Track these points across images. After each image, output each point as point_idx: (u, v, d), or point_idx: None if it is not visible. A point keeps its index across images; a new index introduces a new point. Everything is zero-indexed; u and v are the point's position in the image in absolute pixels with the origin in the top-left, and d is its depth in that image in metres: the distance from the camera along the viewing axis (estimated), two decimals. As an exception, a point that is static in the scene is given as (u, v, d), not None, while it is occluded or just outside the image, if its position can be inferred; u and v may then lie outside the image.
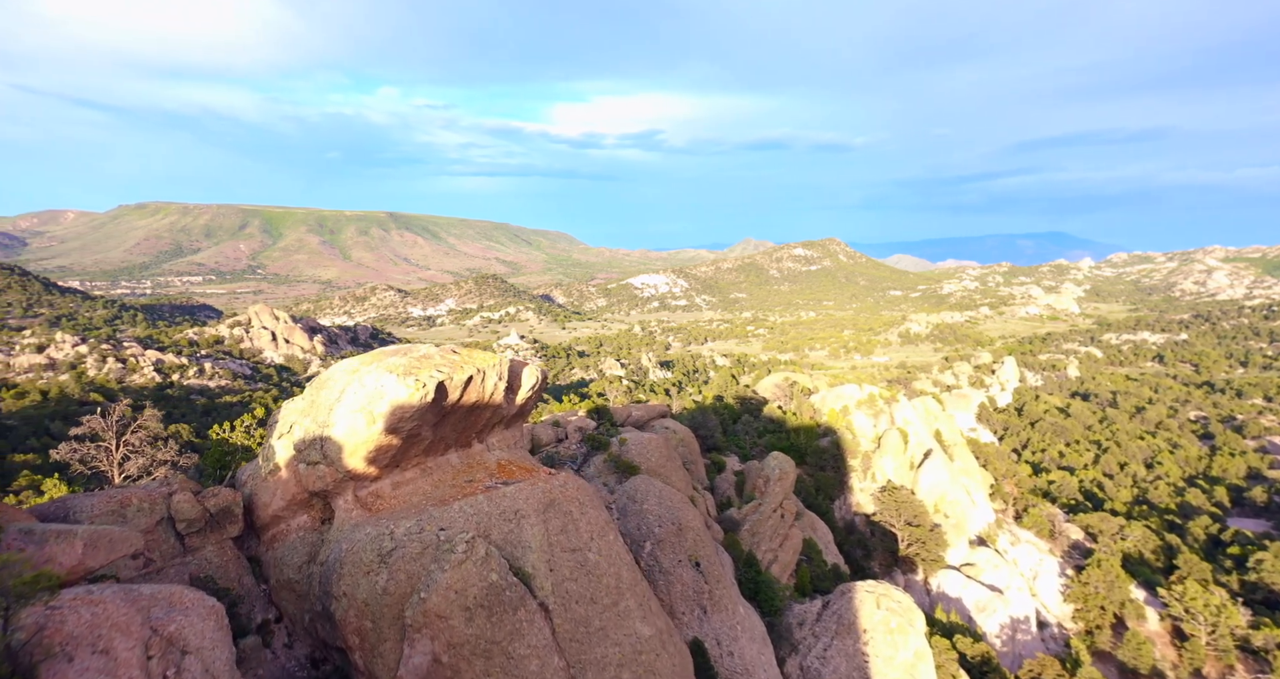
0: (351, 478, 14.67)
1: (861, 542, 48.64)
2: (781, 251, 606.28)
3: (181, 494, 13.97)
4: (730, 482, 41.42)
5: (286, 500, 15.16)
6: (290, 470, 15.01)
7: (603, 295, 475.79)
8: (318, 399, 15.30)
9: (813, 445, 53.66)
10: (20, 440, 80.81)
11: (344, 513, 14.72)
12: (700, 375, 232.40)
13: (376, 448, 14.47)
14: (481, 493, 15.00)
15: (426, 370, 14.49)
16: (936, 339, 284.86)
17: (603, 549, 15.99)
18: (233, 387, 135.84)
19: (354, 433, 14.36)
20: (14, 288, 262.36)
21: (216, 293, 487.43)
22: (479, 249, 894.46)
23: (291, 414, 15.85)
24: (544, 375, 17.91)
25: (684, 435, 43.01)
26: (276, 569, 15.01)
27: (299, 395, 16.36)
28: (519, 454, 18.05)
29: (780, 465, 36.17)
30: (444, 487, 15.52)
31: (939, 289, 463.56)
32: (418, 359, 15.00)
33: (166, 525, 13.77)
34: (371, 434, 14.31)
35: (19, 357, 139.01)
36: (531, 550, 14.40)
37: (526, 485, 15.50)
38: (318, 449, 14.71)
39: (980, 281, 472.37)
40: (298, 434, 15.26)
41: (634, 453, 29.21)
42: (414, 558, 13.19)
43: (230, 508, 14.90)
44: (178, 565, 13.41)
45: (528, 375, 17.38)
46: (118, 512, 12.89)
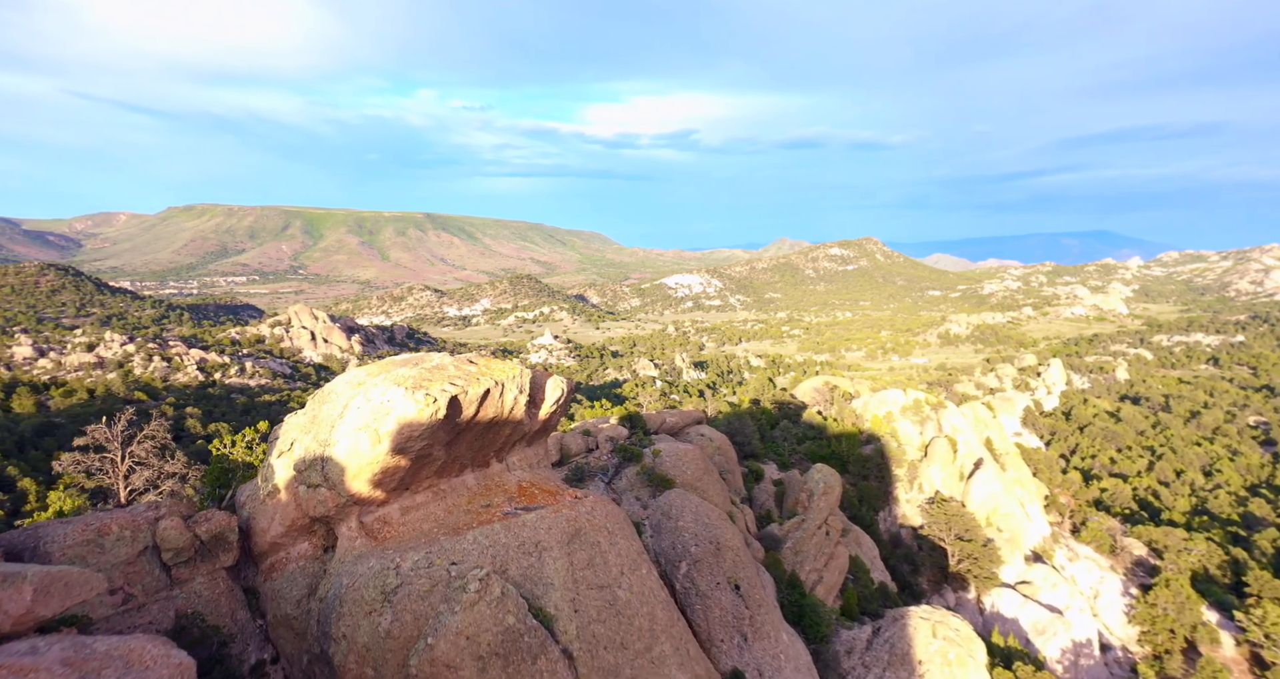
0: (356, 503, 13.20)
1: (908, 556, 46.09)
2: (817, 251, 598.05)
3: (169, 520, 12.61)
4: (769, 492, 39.36)
5: (286, 526, 13.75)
6: (290, 493, 13.59)
7: (636, 295, 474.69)
8: (319, 415, 13.85)
9: (855, 453, 51.19)
10: (67, 439, 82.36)
11: (347, 541, 13.26)
12: (734, 376, 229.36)
13: (383, 470, 12.99)
14: (499, 521, 13.41)
15: (438, 383, 12.94)
16: (977, 340, 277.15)
17: (634, 585, 14.30)
18: (272, 385, 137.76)
19: (357, 453, 12.90)
20: (68, 288, 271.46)
21: (259, 293, 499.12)
22: (514, 249, 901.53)
23: (293, 430, 14.44)
24: (570, 387, 16.26)
25: (720, 443, 41.09)
26: (274, 603, 13.61)
27: (301, 409, 15.03)
28: (542, 474, 16.41)
29: (824, 479, 33.98)
30: (458, 512, 13.97)
31: (979, 289, 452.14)
32: (429, 371, 13.46)
33: (151, 555, 12.42)
34: (376, 455, 12.82)
35: (70, 355, 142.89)
36: (554, 588, 12.78)
37: (549, 513, 13.86)
38: (318, 470, 13.26)
39: (1023, 281, 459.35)
40: (298, 453, 13.83)
41: (668, 465, 27.45)
42: (421, 597, 11.68)
43: (224, 534, 13.50)
44: (162, 600, 12.12)
45: (552, 388, 15.70)
46: (95, 541, 11.62)
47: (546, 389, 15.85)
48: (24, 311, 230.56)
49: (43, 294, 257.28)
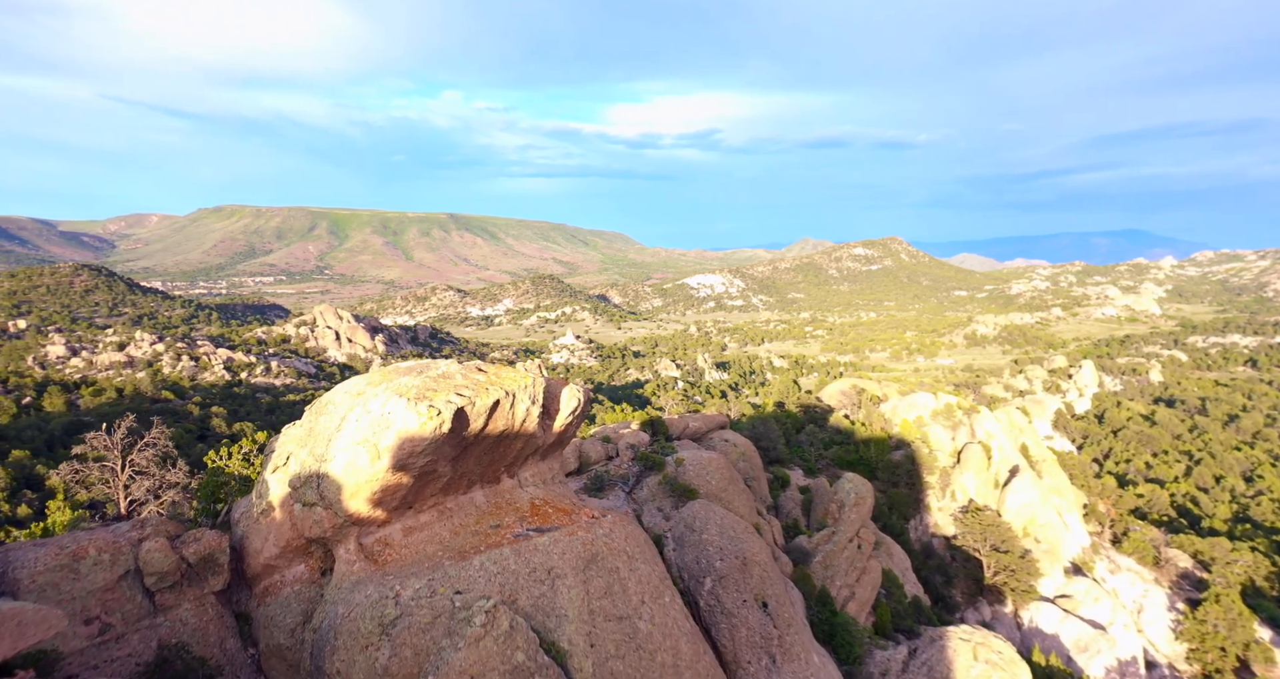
0: (354, 523, 12.14)
1: (941, 567, 44.33)
2: (841, 251, 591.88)
3: (153, 541, 11.65)
4: (796, 500, 37.92)
5: (280, 547, 12.71)
6: (285, 511, 12.56)
7: (658, 295, 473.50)
8: (316, 427, 12.79)
9: (884, 459, 49.52)
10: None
11: (345, 565, 12.20)
12: (757, 377, 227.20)
13: (383, 488, 11.93)
14: (508, 544, 12.29)
15: (443, 394, 11.84)
16: (1005, 341, 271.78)
17: (656, 616, 13.10)
18: (296, 385, 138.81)
19: (355, 470, 11.87)
20: (101, 288, 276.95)
21: (286, 293, 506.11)
22: (536, 249, 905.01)
23: (289, 443, 13.38)
24: (587, 397, 15.07)
25: (745, 449, 39.73)
26: (266, 631, 12.59)
27: (297, 421, 14.00)
28: (557, 491, 15.24)
29: (855, 489, 32.48)
30: (465, 534, 12.87)
31: (1007, 289, 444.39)
32: (434, 380, 12.35)
33: (133, 580, 11.46)
34: (375, 472, 11.77)
35: (101, 354, 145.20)
36: (568, 620, 11.65)
37: (563, 535, 12.72)
38: (314, 488, 12.21)
39: (1051, 281, 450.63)
40: (293, 468, 12.76)
41: (692, 474, 26.21)
42: (422, 630, 10.60)
43: (214, 556, 12.49)
44: (144, 630, 11.18)
45: (567, 397, 14.53)
46: (69, 566, 10.70)
47: (561, 399, 14.70)
48: (59, 311, 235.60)
49: (77, 294, 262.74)
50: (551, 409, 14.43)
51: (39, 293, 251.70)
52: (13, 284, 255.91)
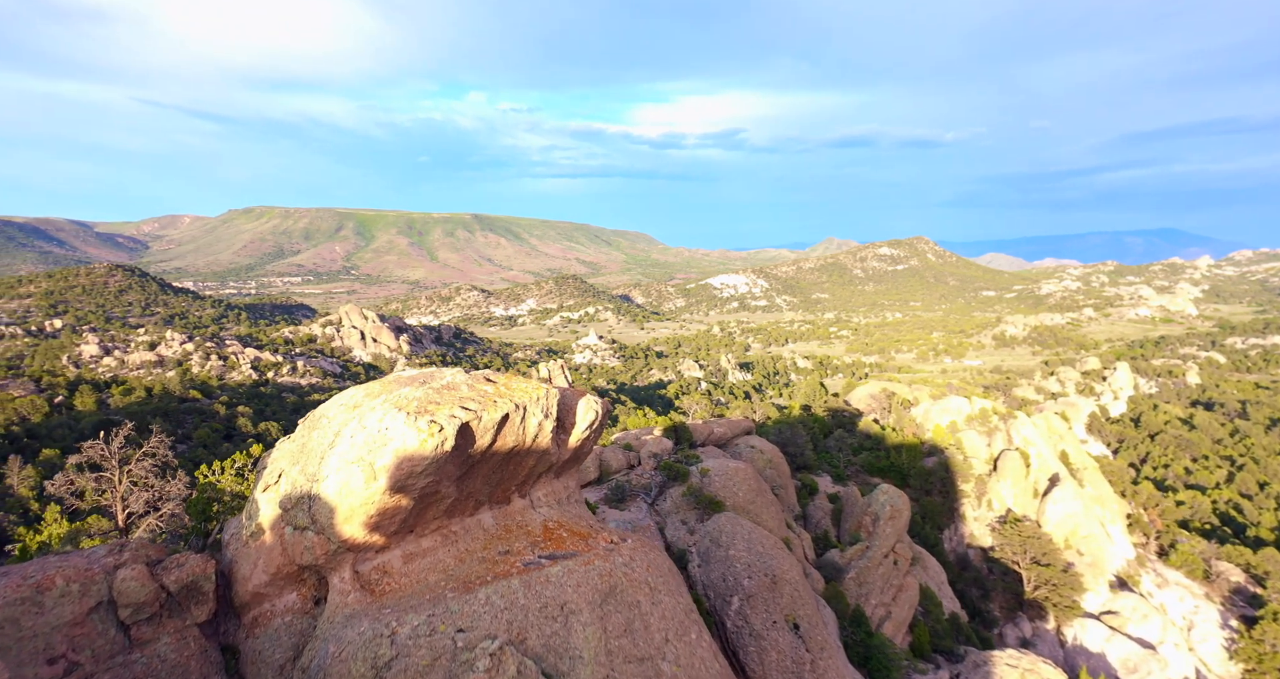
0: (349, 549, 10.94)
1: (978, 580, 42.43)
2: (866, 251, 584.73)
3: (129, 569, 10.56)
4: (825, 510, 36.37)
5: (270, 574, 11.56)
6: (275, 535, 11.47)
7: (681, 295, 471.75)
8: (309, 442, 11.65)
9: (917, 466, 47.66)
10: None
11: (339, 596, 11.01)
12: (781, 377, 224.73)
13: (379, 511, 10.77)
14: (518, 574, 11.06)
15: (446, 408, 10.65)
16: (1034, 342, 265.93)
17: (682, 656, 11.77)
18: (322, 385, 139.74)
19: (349, 492, 10.75)
20: (134, 288, 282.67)
21: (313, 293, 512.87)
22: (559, 250, 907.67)
23: (281, 459, 12.22)
24: (605, 409, 13.81)
25: (771, 455, 38.29)
26: (254, 667, 11.39)
27: (289, 435, 12.86)
28: (572, 512, 13.93)
29: (890, 501, 30.84)
30: (471, 561, 11.65)
31: (1036, 289, 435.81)
32: (438, 391, 11.19)
33: (106, 612, 10.36)
34: (371, 494, 10.65)
35: (133, 353, 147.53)
36: (583, 662, 10.39)
37: (579, 564, 11.46)
38: (305, 510, 11.10)
39: (1083, 281, 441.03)
40: (284, 487, 11.61)
41: (718, 485, 24.88)
42: (420, 673, 9.43)
43: (198, 583, 11.36)
44: (117, 668, 10.10)
45: (584, 410, 13.23)
46: (32, 599, 9.65)
47: (577, 412, 13.42)
48: (94, 311, 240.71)
49: (111, 294, 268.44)
50: (567, 422, 13.16)
51: (75, 293, 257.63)
52: (50, 284, 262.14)
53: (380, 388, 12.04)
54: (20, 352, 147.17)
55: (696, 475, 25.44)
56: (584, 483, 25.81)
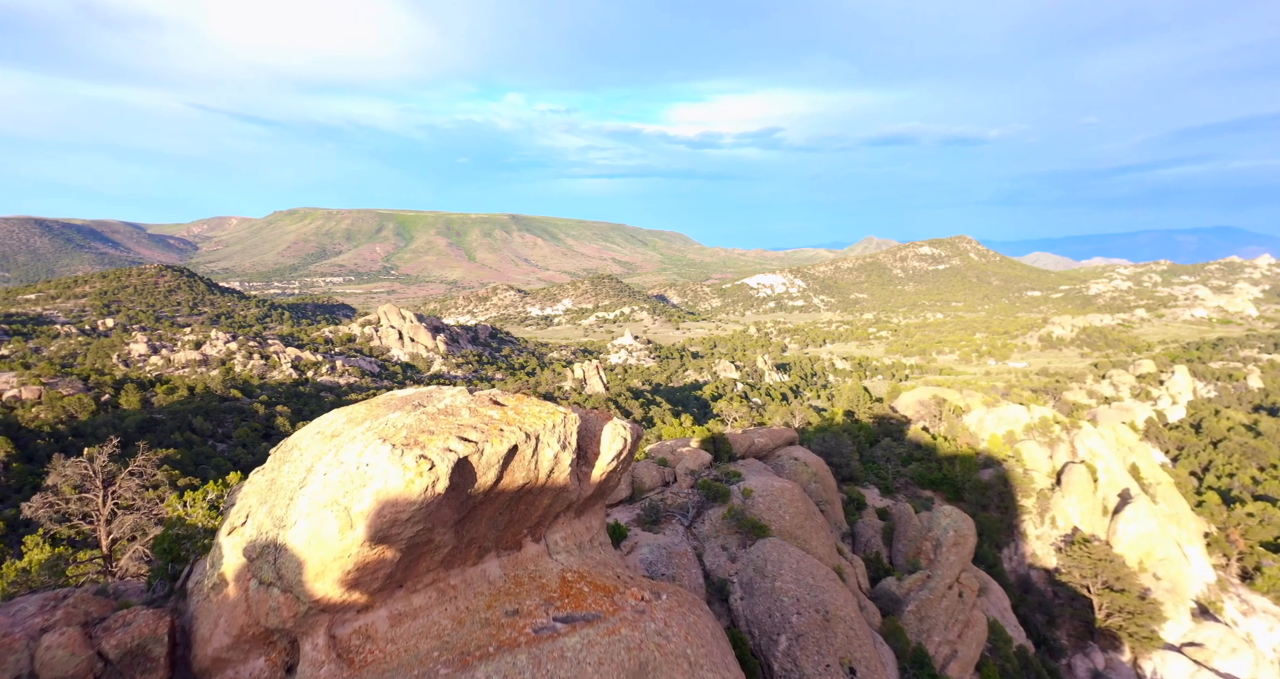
0: (322, 609, 9.08)
1: (1043, 605, 39.21)
2: (906, 250, 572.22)
3: (59, 633, 8.65)
4: (875, 528, 33.69)
5: (233, 636, 9.57)
6: (239, 589, 9.53)
7: (717, 295, 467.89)
8: (279, 478, 9.69)
9: (972, 479, 44.51)
10: (166, 435, 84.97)
11: (310, 668, 8.82)
12: (819, 379, 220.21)
13: (358, 566, 8.80)
14: (526, 644, 8.94)
15: (441, 439, 8.69)
16: (1083, 344, 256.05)
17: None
18: (360, 384, 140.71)
19: (320, 542, 8.75)
20: (183, 288, 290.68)
21: (354, 293, 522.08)
22: (595, 250, 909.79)
23: (251, 495, 10.28)
24: (635, 436, 11.53)
25: (816, 468, 35.72)
26: (211, 751, 9.67)
27: (263, 466, 10.86)
28: (596, 559, 11.67)
29: (955, 525, 27.97)
30: (471, 624, 9.55)
31: (1084, 289, 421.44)
32: (433, 417, 9.25)
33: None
34: (347, 546, 8.67)
35: (179, 352, 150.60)
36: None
37: (601, 633, 9.32)
38: (270, 562, 9.15)
39: (1134, 281, 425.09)
40: (249, 531, 9.73)
41: (762, 507, 22.59)
42: (399, 778, 7.51)
43: (146, 647, 9.37)
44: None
45: (609, 438, 11.13)
46: (-71, 674, 8.06)
47: (602, 440, 11.35)
48: (144, 310, 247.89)
49: (161, 293, 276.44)
50: (589, 452, 11.04)
51: (127, 293, 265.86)
52: (104, 285, 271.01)
53: (365, 412, 10.08)
54: (74, 350, 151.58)
55: (738, 496, 23.17)
56: (615, 501, 23.75)
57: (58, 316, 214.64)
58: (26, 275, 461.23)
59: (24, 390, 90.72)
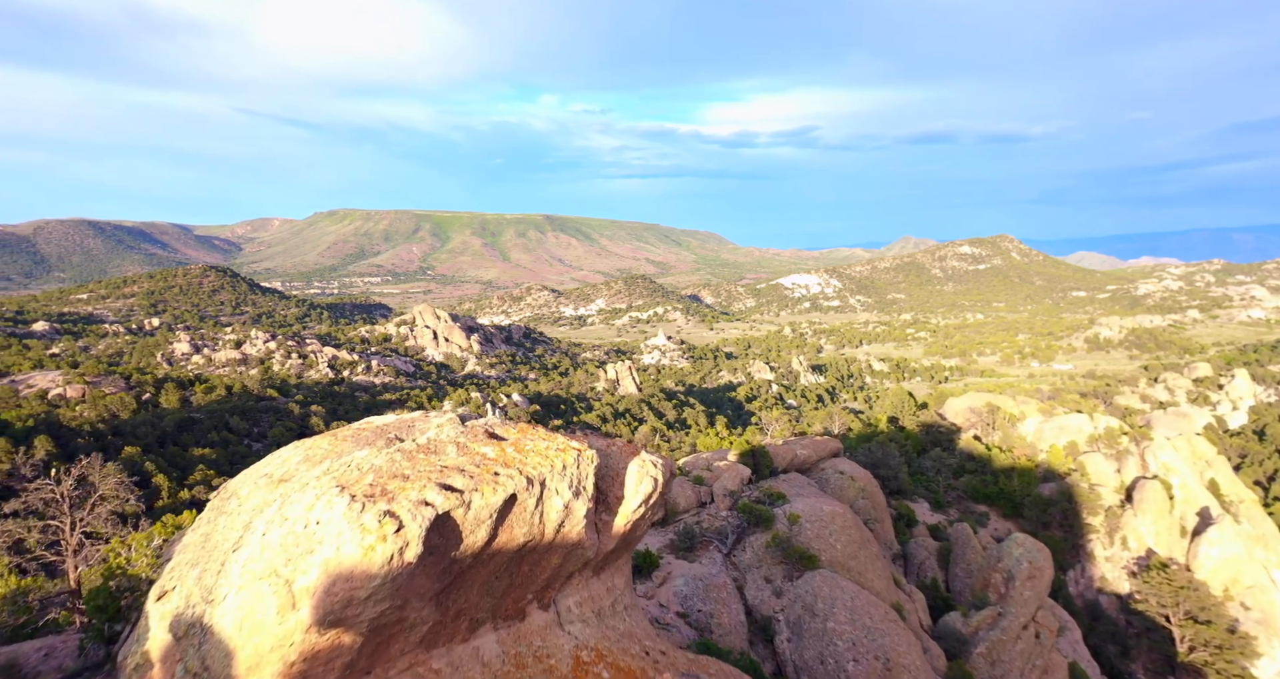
0: (262, 708, 6.97)
1: (1115, 635, 35.87)
2: (945, 250, 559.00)
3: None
4: (929, 549, 30.89)
5: (156, 733, 7.67)
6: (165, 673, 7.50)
7: (751, 295, 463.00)
8: (213, 534, 7.43)
9: (1031, 494, 41.24)
10: (203, 434, 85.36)
11: None
12: (855, 380, 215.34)
13: (304, 656, 6.40)
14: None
15: (415, 489, 6.46)
16: (1132, 345, 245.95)
17: None
18: (394, 383, 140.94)
19: (254, 626, 6.49)
20: (226, 288, 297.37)
21: (391, 292, 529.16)
22: (629, 250, 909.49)
23: (186, 551, 8.17)
24: (667, 473, 9.05)
25: (864, 483, 33.05)
26: None
27: (202, 515, 8.54)
28: (620, 629, 9.24)
29: (1028, 556, 24.86)
30: (459, 726, 7.47)
31: (1133, 289, 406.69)
32: (410, 457, 6.98)
33: None
34: (288, 631, 6.32)
35: (220, 351, 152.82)
36: None
37: (624, 746, 7.24)
38: (196, 647, 7.02)
39: (1185, 281, 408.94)
40: (176, 601, 7.55)
41: (810, 535, 20.17)
42: None
43: None
44: None
45: (636, 478, 8.65)
46: None
47: (627, 481, 8.89)
48: (189, 310, 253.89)
49: (205, 293, 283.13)
50: (610, 495, 8.75)
51: (173, 293, 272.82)
52: (151, 285, 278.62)
53: (328, 447, 7.92)
54: (121, 349, 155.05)
55: (783, 520, 20.75)
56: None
57: (107, 316, 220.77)
58: (80, 275, 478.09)
59: (69, 389, 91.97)
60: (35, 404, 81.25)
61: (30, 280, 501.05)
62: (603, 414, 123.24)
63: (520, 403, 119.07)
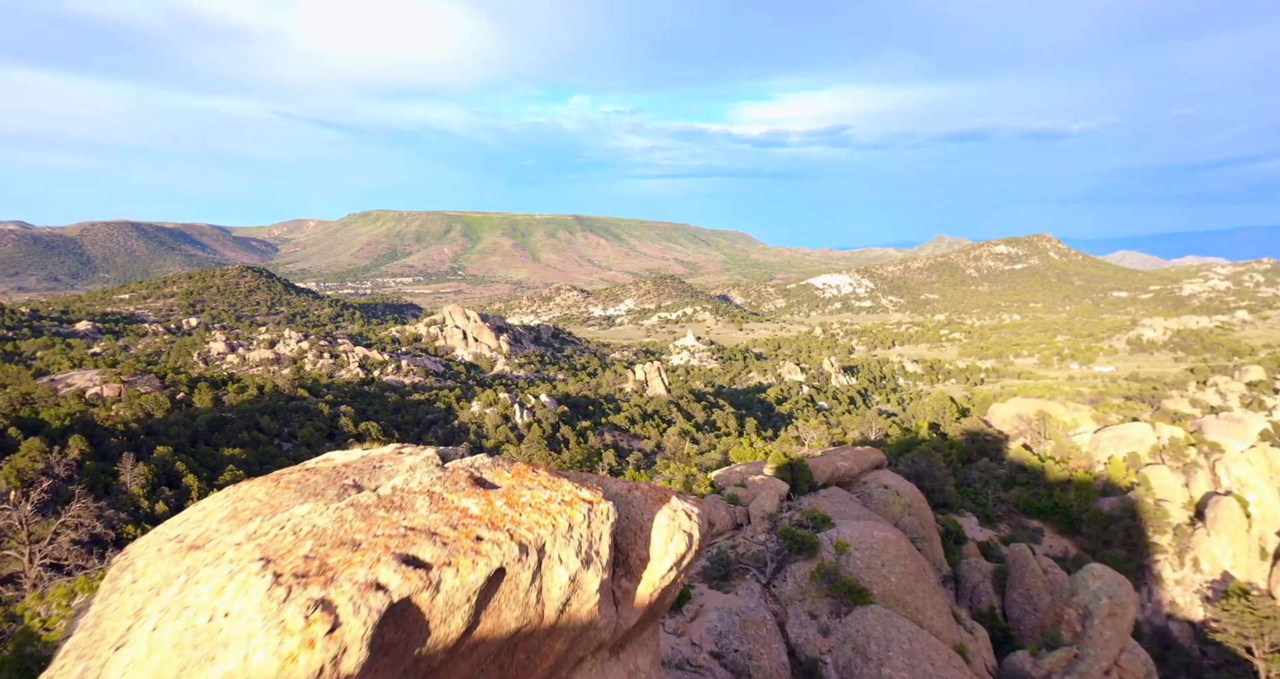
0: None
1: (1190, 668, 32.89)
2: (980, 249, 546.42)
3: None
4: (984, 572, 28.38)
5: None
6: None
7: (781, 296, 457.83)
8: (104, 617, 5.74)
9: (1090, 510, 38.32)
10: (234, 434, 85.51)
11: None
12: (888, 382, 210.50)
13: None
14: None
15: (364, 566, 4.61)
16: (1177, 347, 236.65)
17: None
18: (424, 383, 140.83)
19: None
20: (262, 289, 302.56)
21: (423, 293, 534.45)
22: (658, 250, 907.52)
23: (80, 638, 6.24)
24: (704, 525, 7.01)
25: (911, 498, 30.67)
26: None
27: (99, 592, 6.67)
28: None
29: (1108, 590, 22.13)
30: None
31: (1177, 290, 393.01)
32: (367, 516, 4.86)
33: None
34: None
35: (254, 351, 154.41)
36: None
37: None
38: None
39: (1233, 280, 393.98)
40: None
41: (860, 565, 17.98)
42: None
43: None
44: None
45: (665, 534, 6.42)
46: None
47: (654, 536, 6.63)
48: (226, 310, 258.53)
49: (242, 293, 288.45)
50: (632, 556, 6.63)
51: (211, 293, 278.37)
52: (190, 285, 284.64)
53: (264, 498, 5.97)
54: (159, 348, 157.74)
55: (829, 548, 18.56)
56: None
57: (148, 315, 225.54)
58: (123, 276, 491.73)
59: (106, 388, 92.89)
60: (73, 403, 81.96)
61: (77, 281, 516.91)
62: (631, 416, 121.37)
63: (548, 404, 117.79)
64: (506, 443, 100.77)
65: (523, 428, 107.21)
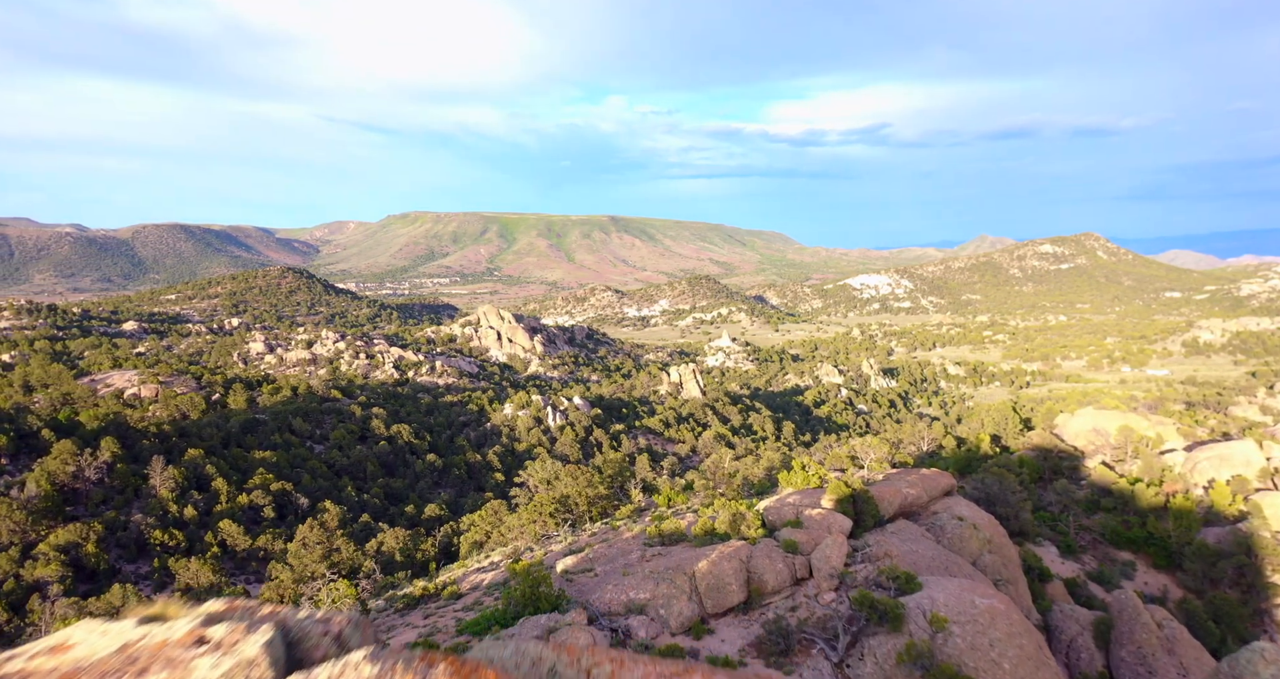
0: None
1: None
2: (1025, 249, 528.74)
3: None
4: (1082, 623, 24.18)
5: None
6: None
7: (818, 296, 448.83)
8: None
9: (1193, 542, 33.64)
10: (266, 436, 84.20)
11: None
12: (929, 385, 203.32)
13: None
14: None
15: None
16: (1237, 350, 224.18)
17: None
18: (457, 385, 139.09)
19: None
20: (303, 289, 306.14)
21: (459, 293, 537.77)
22: (693, 250, 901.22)
23: None
24: None
25: (989, 532, 26.67)
26: None
27: None
28: None
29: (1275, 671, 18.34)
30: None
31: (1234, 290, 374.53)
32: None
33: None
34: None
35: (292, 351, 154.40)
36: None
37: None
38: None
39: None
40: None
41: (962, 645, 14.14)
42: None
43: None
44: None
45: None
46: None
47: None
48: (268, 310, 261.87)
49: (283, 294, 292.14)
50: None
51: (253, 293, 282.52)
52: (233, 286, 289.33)
53: None
54: (201, 348, 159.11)
55: (919, 621, 14.62)
56: (722, 609, 15.94)
57: (193, 316, 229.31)
58: (172, 277, 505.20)
59: (143, 389, 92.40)
60: (110, 404, 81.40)
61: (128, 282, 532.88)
62: (665, 419, 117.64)
63: (581, 406, 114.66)
64: (539, 446, 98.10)
65: (555, 431, 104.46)
